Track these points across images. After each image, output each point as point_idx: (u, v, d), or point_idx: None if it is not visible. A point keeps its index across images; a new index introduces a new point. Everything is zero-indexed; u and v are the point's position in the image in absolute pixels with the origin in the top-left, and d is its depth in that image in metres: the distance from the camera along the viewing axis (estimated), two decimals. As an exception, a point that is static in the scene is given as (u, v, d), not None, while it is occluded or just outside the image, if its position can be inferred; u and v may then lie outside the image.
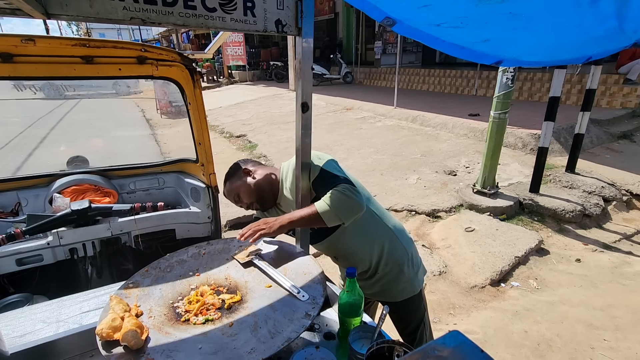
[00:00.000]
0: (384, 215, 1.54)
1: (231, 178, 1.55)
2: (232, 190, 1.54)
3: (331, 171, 1.35)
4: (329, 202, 1.23)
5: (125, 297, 1.14)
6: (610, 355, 2.34)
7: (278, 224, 1.28)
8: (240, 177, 1.52)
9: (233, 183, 1.53)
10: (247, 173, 1.52)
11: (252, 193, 1.50)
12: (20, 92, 9.19)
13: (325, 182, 1.32)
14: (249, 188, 1.50)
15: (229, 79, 18.10)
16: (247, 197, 1.51)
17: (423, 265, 1.63)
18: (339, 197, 1.23)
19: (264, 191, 1.50)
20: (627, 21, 1.00)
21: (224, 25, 1.09)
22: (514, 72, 3.89)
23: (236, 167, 1.57)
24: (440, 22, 1.13)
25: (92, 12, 0.91)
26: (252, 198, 1.51)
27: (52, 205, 1.93)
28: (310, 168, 1.36)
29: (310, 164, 1.36)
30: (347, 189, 1.24)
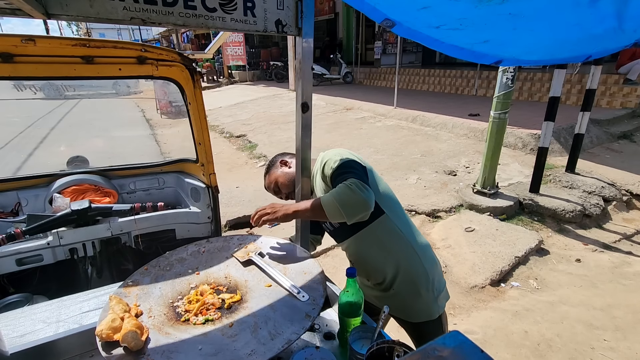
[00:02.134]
0: (408, 229, 1.44)
1: (270, 169, 1.59)
2: (271, 181, 1.58)
3: (347, 167, 1.30)
4: (334, 195, 1.19)
5: (125, 296, 1.14)
6: (610, 355, 2.34)
7: (283, 212, 1.26)
8: (278, 167, 1.57)
9: (271, 174, 1.58)
10: (284, 164, 1.57)
11: (289, 184, 1.53)
12: (20, 92, 9.20)
13: (338, 177, 1.28)
14: (285, 178, 1.54)
15: (229, 79, 18.10)
16: (284, 187, 1.55)
17: (447, 290, 1.51)
18: (345, 191, 1.17)
19: (294, 183, 1.53)
20: (626, 20, 1.00)
21: (224, 25, 1.09)
22: (514, 72, 3.89)
23: (274, 159, 1.62)
24: (440, 24, 1.13)
25: (92, 12, 0.91)
26: (289, 188, 1.54)
27: (52, 205, 1.93)
28: (328, 163, 1.35)
29: (329, 160, 1.36)
30: (354, 183, 1.16)
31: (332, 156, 1.37)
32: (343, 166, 1.31)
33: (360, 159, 1.40)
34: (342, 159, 1.33)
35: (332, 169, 1.33)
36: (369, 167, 1.41)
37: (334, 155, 1.36)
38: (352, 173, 1.24)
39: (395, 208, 1.45)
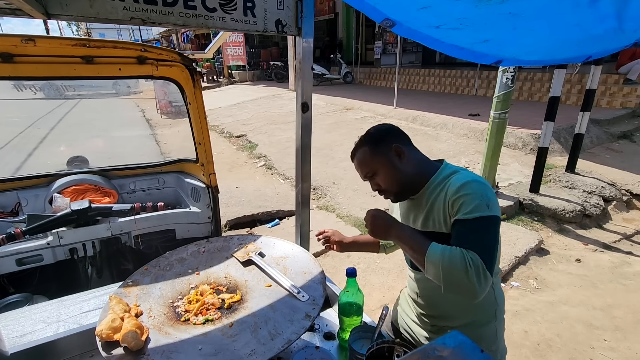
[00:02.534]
0: (500, 292, 1.22)
1: (374, 146, 1.16)
2: (367, 164, 1.18)
3: (483, 234, 0.98)
4: (444, 260, 0.93)
5: (125, 296, 1.14)
6: (610, 355, 2.34)
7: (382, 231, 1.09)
8: (386, 153, 1.14)
9: (375, 156, 1.16)
10: (399, 153, 1.14)
11: (393, 182, 1.15)
12: (20, 92, 9.19)
13: (464, 237, 0.98)
14: (393, 173, 1.14)
15: (229, 79, 18.10)
16: (385, 182, 1.16)
17: (504, 344, 1.27)
18: (459, 267, 0.91)
19: (407, 186, 1.16)
20: (626, 21, 1.00)
21: (224, 25, 1.09)
22: (514, 72, 3.89)
23: (385, 134, 1.18)
24: (440, 23, 1.13)
25: (92, 12, 0.91)
26: (390, 187, 1.16)
27: (52, 205, 1.93)
28: (465, 201, 1.00)
29: (468, 198, 1.00)
30: (477, 266, 0.90)
31: (475, 196, 1.00)
32: (480, 228, 0.99)
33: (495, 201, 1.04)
34: (484, 215, 0.98)
35: (465, 216, 0.99)
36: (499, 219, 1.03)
37: (478, 197, 1.00)
38: (485, 247, 0.95)
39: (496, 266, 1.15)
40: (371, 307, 2.81)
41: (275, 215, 4.32)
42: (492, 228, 1.00)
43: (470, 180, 1.05)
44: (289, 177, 5.42)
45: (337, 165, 5.69)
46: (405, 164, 1.15)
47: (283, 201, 4.63)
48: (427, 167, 1.17)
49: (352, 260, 3.41)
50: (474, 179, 1.06)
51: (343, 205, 4.47)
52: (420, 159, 1.20)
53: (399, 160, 1.14)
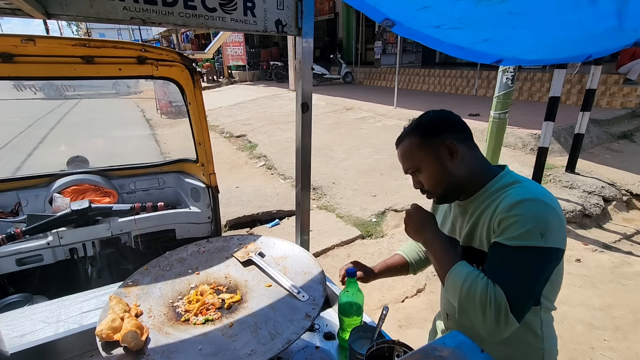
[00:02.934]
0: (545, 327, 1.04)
1: (424, 137, 0.98)
2: (412, 157, 1.01)
3: (522, 266, 0.82)
4: (465, 286, 0.82)
5: (125, 296, 1.14)
6: (610, 355, 2.34)
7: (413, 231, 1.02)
8: (436, 149, 0.97)
9: (422, 149, 0.98)
10: (452, 151, 0.96)
11: (440, 183, 0.99)
12: (20, 92, 9.19)
13: (497, 266, 0.84)
14: (440, 174, 0.97)
15: (229, 79, 18.10)
16: (429, 182, 1.00)
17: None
18: (478, 303, 0.79)
19: (455, 188, 1.00)
20: (627, 20, 1.00)
21: (224, 25, 1.09)
22: (514, 72, 3.89)
23: (440, 126, 0.99)
24: (440, 23, 1.13)
25: (92, 12, 0.91)
26: (436, 189, 1.00)
27: (52, 205, 1.93)
28: (514, 222, 0.83)
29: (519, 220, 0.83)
30: (500, 307, 0.77)
31: (528, 220, 0.82)
32: (521, 261, 0.82)
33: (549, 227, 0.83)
34: (532, 245, 0.81)
35: (508, 241, 0.83)
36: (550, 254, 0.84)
37: (532, 222, 0.82)
38: (519, 285, 0.80)
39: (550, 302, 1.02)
40: (371, 307, 2.81)
41: (275, 215, 4.33)
42: (538, 263, 0.81)
43: (530, 198, 0.85)
44: (289, 177, 5.42)
45: (337, 165, 5.70)
46: (458, 165, 0.96)
47: (283, 201, 4.63)
48: (485, 172, 0.99)
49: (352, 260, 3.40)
50: (537, 197, 0.85)
51: (343, 205, 4.47)
52: (479, 161, 1.00)
53: (450, 160, 0.96)
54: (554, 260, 0.86)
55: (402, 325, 2.65)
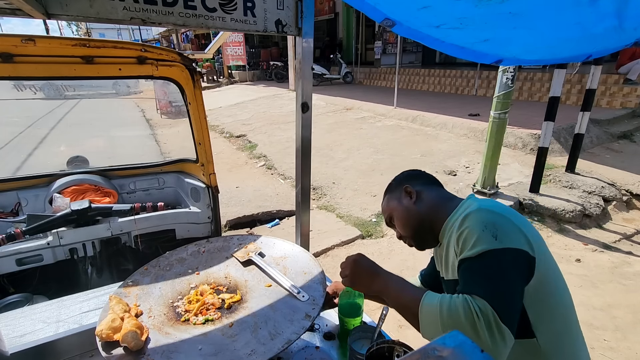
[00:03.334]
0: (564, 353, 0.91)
1: (389, 193, 1.13)
2: (385, 210, 1.14)
3: (492, 272, 0.78)
4: (444, 311, 0.76)
5: (125, 296, 1.14)
6: (610, 355, 2.34)
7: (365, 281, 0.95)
8: (398, 196, 1.09)
9: (389, 201, 1.12)
10: (408, 193, 1.06)
11: (405, 225, 1.06)
12: (20, 92, 9.20)
13: (469, 282, 0.80)
14: (403, 215, 1.05)
15: (229, 79, 18.10)
16: (399, 226, 1.08)
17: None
18: (462, 322, 0.73)
19: (422, 228, 1.04)
20: (627, 19, 1.00)
21: (224, 25, 1.09)
22: (514, 72, 3.89)
23: (399, 180, 1.13)
24: (440, 23, 1.13)
25: (92, 12, 0.92)
26: (405, 231, 1.07)
27: (52, 205, 1.93)
28: (468, 235, 0.83)
29: (471, 230, 0.83)
30: (487, 317, 0.71)
31: (477, 227, 0.83)
32: (487, 266, 0.79)
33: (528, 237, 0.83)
34: (490, 248, 0.79)
35: (467, 253, 0.82)
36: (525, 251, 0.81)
37: (481, 227, 0.82)
38: (495, 290, 0.75)
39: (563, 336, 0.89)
40: (371, 307, 2.81)
41: (275, 215, 4.33)
42: (503, 264, 0.78)
43: (476, 208, 0.87)
44: (289, 177, 5.42)
45: (337, 165, 5.70)
46: (418, 204, 1.04)
47: (283, 201, 4.63)
48: (445, 206, 1.01)
49: (352, 260, 3.40)
50: (482, 208, 0.87)
51: (343, 205, 4.47)
52: (439, 197, 1.05)
53: (409, 201, 1.05)
54: (517, 262, 0.81)
55: (402, 325, 2.64)
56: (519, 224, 0.85)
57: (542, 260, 0.84)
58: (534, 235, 0.87)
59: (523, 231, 0.84)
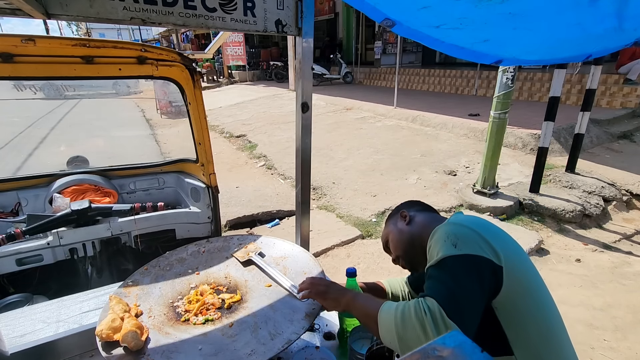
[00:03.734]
0: None
1: (388, 220, 1.21)
2: (383, 235, 1.21)
3: (445, 274, 0.82)
4: (397, 315, 0.79)
5: (125, 296, 1.14)
6: (610, 355, 2.34)
7: (332, 298, 0.98)
8: (395, 221, 1.16)
9: (387, 226, 1.20)
10: (403, 217, 1.13)
11: (398, 245, 1.12)
12: (20, 92, 9.19)
13: (427, 283, 0.84)
14: (397, 237, 1.12)
15: (229, 79, 18.10)
16: (392, 247, 1.15)
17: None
18: (411, 320, 0.76)
19: (413, 247, 1.08)
20: (626, 20, 1.00)
21: (224, 25, 1.09)
22: (514, 72, 3.89)
23: (397, 208, 1.21)
24: (440, 23, 1.13)
25: (92, 12, 0.91)
26: (397, 251, 1.12)
27: (52, 205, 1.93)
28: (434, 243, 0.89)
29: (437, 239, 0.88)
30: (435, 312, 0.74)
31: (440, 238, 0.88)
32: (442, 270, 0.82)
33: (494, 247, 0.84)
34: (448, 255, 0.82)
35: (429, 263, 0.87)
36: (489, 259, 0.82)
37: (443, 238, 0.87)
38: (444, 288, 0.78)
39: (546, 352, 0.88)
40: (371, 307, 2.81)
41: (275, 215, 4.33)
42: (457, 268, 0.81)
43: (445, 223, 0.94)
44: (289, 177, 5.42)
45: (337, 165, 5.70)
46: (411, 226, 1.10)
47: (283, 201, 4.63)
48: (433, 226, 1.01)
49: (352, 261, 3.41)
50: (449, 222, 0.93)
51: (343, 205, 4.47)
52: (428, 219, 1.10)
53: (404, 224, 1.12)
54: (478, 269, 0.81)
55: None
56: (487, 236, 0.85)
57: (514, 272, 0.83)
58: (507, 247, 0.87)
59: (488, 241, 0.84)
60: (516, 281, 0.84)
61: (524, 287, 0.86)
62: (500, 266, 0.82)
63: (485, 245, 0.84)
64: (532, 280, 0.89)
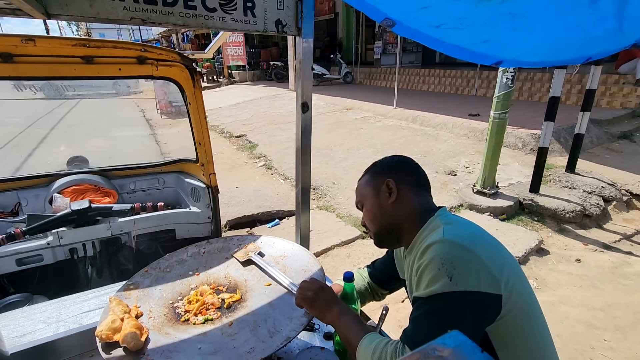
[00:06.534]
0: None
1: (371, 176, 1.03)
2: (359, 193, 1.06)
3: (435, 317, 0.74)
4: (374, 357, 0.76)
5: (125, 298, 1.14)
6: (610, 355, 2.34)
7: (318, 309, 0.93)
8: (377, 187, 0.99)
9: (366, 185, 1.03)
10: (389, 189, 0.97)
11: (372, 219, 1.00)
12: (20, 92, 9.19)
13: (412, 320, 0.78)
14: (375, 211, 0.99)
15: (229, 79, 18.10)
16: (367, 219, 1.02)
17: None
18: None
19: (389, 231, 0.98)
20: (626, 21, 1.00)
21: (224, 25, 1.09)
22: (514, 72, 3.89)
23: (386, 166, 1.03)
24: (440, 23, 1.13)
25: (92, 12, 0.92)
26: (372, 226, 1.01)
27: (52, 205, 1.93)
28: (426, 269, 0.78)
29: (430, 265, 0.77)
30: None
31: (435, 264, 0.77)
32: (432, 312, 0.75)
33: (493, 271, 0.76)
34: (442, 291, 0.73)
35: (420, 292, 0.78)
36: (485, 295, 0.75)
37: (438, 265, 0.76)
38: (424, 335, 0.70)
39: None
40: (371, 307, 2.80)
41: (275, 215, 4.33)
42: (453, 312, 0.72)
43: (438, 239, 0.79)
44: (289, 177, 5.42)
45: (337, 165, 5.70)
46: (395, 205, 0.95)
47: (283, 201, 4.63)
48: (420, 216, 0.93)
49: (352, 260, 3.41)
50: (446, 239, 0.79)
51: (343, 205, 4.47)
52: (419, 207, 0.96)
53: (386, 198, 0.96)
54: (477, 307, 0.73)
55: (402, 325, 2.65)
56: (484, 256, 0.77)
57: (512, 294, 0.77)
58: (504, 264, 0.79)
59: (487, 265, 0.76)
60: (514, 304, 0.78)
61: (520, 307, 0.80)
62: (500, 295, 0.76)
63: (484, 273, 0.75)
64: (526, 295, 0.83)
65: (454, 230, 0.84)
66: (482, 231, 0.88)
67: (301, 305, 0.97)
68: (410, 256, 0.93)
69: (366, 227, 1.04)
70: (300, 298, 0.96)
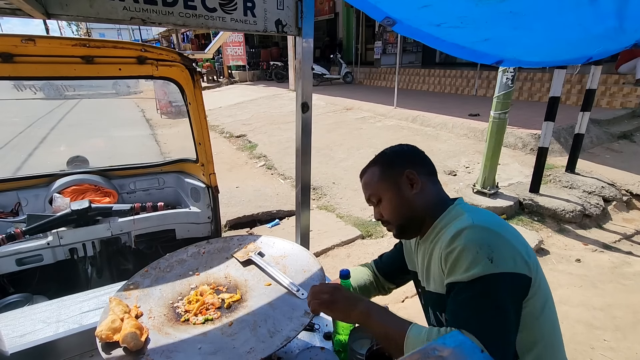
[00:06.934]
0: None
1: (385, 168, 0.99)
2: (373, 187, 1.00)
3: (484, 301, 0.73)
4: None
5: (125, 298, 1.14)
6: (610, 355, 2.34)
7: (340, 310, 0.86)
8: (397, 180, 0.96)
9: (382, 180, 0.98)
10: (411, 182, 0.96)
11: (395, 210, 0.97)
12: (20, 92, 9.20)
13: (459, 308, 0.75)
14: (399, 203, 0.96)
15: (229, 79, 18.10)
16: (388, 212, 0.98)
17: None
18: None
19: (413, 221, 0.97)
20: (627, 20, 1.00)
21: (224, 25, 1.09)
22: (514, 72, 3.89)
23: (401, 157, 1.00)
24: (441, 22, 1.13)
25: (92, 12, 0.92)
26: (394, 219, 0.98)
27: (52, 205, 1.93)
28: (460, 257, 0.77)
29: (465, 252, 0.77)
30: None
31: (471, 248, 0.76)
32: (478, 296, 0.73)
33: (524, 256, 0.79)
34: (485, 273, 0.73)
35: (458, 277, 0.77)
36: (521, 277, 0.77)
37: (476, 248, 0.76)
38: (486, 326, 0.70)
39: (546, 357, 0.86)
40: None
41: (275, 215, 4.33)
42: (500, 294, 0.72)
43: (468, 225, 0.80)
44: (289, 177, 5.42)
45: (337, 165, 5.70)
46: (417, 196, 0.95)
47: (283, 201, 4.63)
48: (439, 205, 0.95)
49: (352, 260, 3.41)
50: (475, 224, 0.80)
51: (343, 205, 4.47)
52: (437, 196, 0.98)
53: (409, 189, 0.95)
54: (515, 288, 0.75)
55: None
56: (515, 242, 0.80)
57: (537, 278, 0.80)
58: (529, 251, 0.82)
59: (520, 250, 0.78)
60: (537, 289, 0.80)
61: (540, 292, 0.82)
62: (530, 277, 0.78)
63: (518, 257, 0.77)
64: (545, 282, 0.86)
65: (480, 216, 0.85)
66: (501, 219, 0.89)
67: (318, 311, 0.90)
68: (426, 244, 0.94)
69: (383, 221, 1.01)
70: (316, 304, 0.89)
